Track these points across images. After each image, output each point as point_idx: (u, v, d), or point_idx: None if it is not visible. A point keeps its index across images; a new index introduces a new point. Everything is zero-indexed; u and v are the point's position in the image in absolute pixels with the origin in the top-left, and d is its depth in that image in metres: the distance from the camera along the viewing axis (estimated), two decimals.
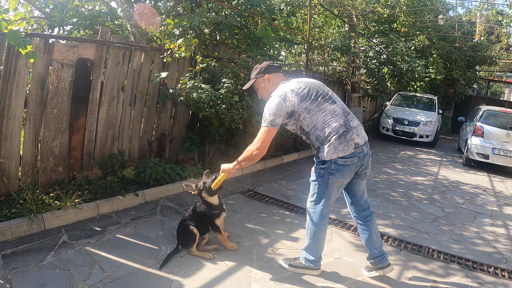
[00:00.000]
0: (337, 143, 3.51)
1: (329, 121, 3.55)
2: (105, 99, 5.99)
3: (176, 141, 7.33)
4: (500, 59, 22.95)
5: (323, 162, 3.61)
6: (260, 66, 3.92)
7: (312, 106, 3.56)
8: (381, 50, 15.26)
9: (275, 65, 3.93)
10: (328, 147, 3.51)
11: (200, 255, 4.19)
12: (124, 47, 6.10)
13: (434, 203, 7.18)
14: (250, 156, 3.69)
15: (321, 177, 3.66)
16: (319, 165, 3.65)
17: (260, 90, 3.94)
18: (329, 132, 3.53)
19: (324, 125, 3.55)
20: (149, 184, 6.04)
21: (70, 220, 4.77)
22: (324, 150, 3.53)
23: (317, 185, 3.71)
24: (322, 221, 3.80)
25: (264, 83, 3.88)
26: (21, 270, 3.66)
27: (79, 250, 4.14)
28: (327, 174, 3.61)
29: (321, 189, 3.70)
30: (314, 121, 3.56)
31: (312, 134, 3.62)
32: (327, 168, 3.60)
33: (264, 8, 8.26)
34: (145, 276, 3.77)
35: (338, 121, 3.56)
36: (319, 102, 3.59)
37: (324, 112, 3.57)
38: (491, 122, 11.62)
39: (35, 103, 5.17)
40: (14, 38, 4.03)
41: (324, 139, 3.54)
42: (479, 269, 4.60)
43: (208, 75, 6.89)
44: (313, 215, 3.81)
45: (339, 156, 3.53)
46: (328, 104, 3.62)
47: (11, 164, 5.00)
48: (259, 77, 3.89)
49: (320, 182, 3.68)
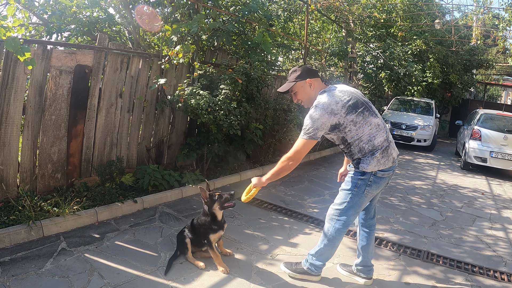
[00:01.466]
0: (380, 156, 3.51)
1: (375, 135, 3.52)
2: (103, 105, 5.98)
3: (174, 148, 7.33)
4: (496, 63, 23.03)
5: (362, 173, 3.58)
6: (300, 69, 3.77)
7: (358, 119, 3.48)
8: (378, 55, 15.31)
9: (314, 70, 3.82)
10: (372, 160, 3.50)
11: (192, 262, 4.18)
12: (122, 54, 6.11)
13: (433, 207, 7.19)
14: (287, 167, 3.62)
15: (357, 187, 3.63)
16: (358, 176, 3.62)
17: (299, 94, 3.79)
18: (374, 146, 3.51)
19: (369, 138, 3.51)
20: (147, 190, 6.04)
21: (68, 227, 4.76)
22: (367, 162, 3.52)
23: (351, 194, 3.67)
24: (344, 229, 3.78)
25: (305, 87, 3.73)
26: (20, 277, 3.64)
27: (78, 257, 4.12)
28: (364, 185, 3.60)
29: (354, 199, 3.67)
30: (360, 134, 3.51)
31: (355, 145, 3.56)
32: (365, 180, 3.59)
33: (262, 14, 8.28)
34: (145, 283, 3.76)
35: (382, 136, 3.56)
36: (365, 115, 3.52)
37: (370, 125, 3.52)
38: (489, 125, 11.66)
39: (33, 109, 5.17)
40: (13, 45, 4.03)
41: (368, 152, 3.52)
42: (479, 272, 4.61)
43: (206, 81, 6.90)
44: (337, 222, 3.77)
45: (380, 169, 3.55)
46: (373, 118, 3.57)
47: (10, 170, 4.99)
48: (299, 80, 3.72)
49: (355, 192, 3.65)
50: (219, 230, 4.15)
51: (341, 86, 3.73)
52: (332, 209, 3.84)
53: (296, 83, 3.73)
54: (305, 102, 3.78)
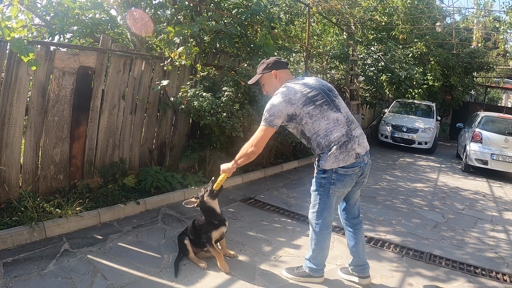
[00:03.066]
0: (337, 152, 3.46)
1: (332, 130, 3.49)
2: (106, 107, 6.00)
3: (176, 150, 7.34)
4: (497, 65, 23.05)
5: (324, 171, 3.56)
6: (267, 61, 3.84)
7: (315, 112, 3.48)
8: (379, 58, 15.31)
9: (282, 61, 3.85)
10: (329, 156, 3.47)
11: (195, 262, 4.19)
12: (125, 55, 6.12)
13: (434, 209, 7.19)
14: (246, 154, 3.70)
15: (322, 186, 3.61)
16: (320, 174, 3.60)
17: (266, 85, 3.88)
18: (330, 141, 3.48)
19: (326, 133, 3.49)
20: (150, 192, 6.04)
21: (71, 228, 4.76)
22: (325, 159, 3.50)
23: (318, 195, 3.66)
24: (325, 230, 3.76)
25: (270, 78, 3.81)
26: (22, 278, 3.65)
27: (81, 259, 4.13)
28: (328, 183, 3.57)
29: (322, 199, 3.65)
30: (316, 128, 3.50)
31: (314, 140, 3.56)
32: (327, 178, 3.56)
33: (264, 17, 8.29)
34: (148, 284, 3.76)
35: (340, 131, 3.50)
36: (323, 109, 3.51)
37: (327, 120, 3.50)
38: (490, 128, 11.67)
39: (36, 110, 5.18)
40: (17, 45, 4.04)
41: (325, 147, 3.50)
42: (481, 274, 4.61)
43: (209, 83, 6.90)
44: (316, 226, 3.76)
45: (339, 165, 3.49)
46: (333, 112, 3.54)
47: (12, 171, 5.00)
48: (265, 72, 3.81)
49: (321, 192, 3.63)
50: (220, 225, 4.12)
51: (308, 78, 3.79)
52: (309, 213, 3.84)
53: (263, 75, 3.84)
54: (271, 93, 3.83)
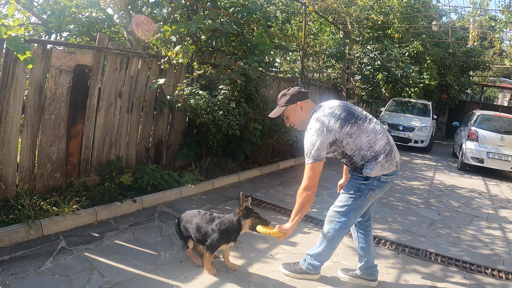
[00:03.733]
0: (384, 161, 3.51)
1: (374, 140, 3.51)
2: (103, 105, 6.00)
3: (173, 148, 7.35)
4: (493, 64, 23.11)
5: (366, 178, 3.57)
6: (289, 92, 3.70)
7: (353, 130, 3.48)
8: (376, 57, 15.35)
9: (304, 91, 3.76)
10: (376, 164, 3.49)
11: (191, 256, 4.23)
12: (122, 54, 6.12)
13: (430, 207, 7.23)
14: (307, 198, 3.51)
15: (359, 191, 3.61)
16: (361, 180, 3.59)
17: (291, 118, 3.76)
18: (377, 151, 3.51)
19: (369, 144, 3.50)
20: (146, 190, 6.05)
21: (68, 226, 4.76)
22: (371, 168, 3.50)
23: (352, 197, 3.64)
24: (344, 230, 3.77)
25: (296, 110, 3.70)
26: (19, 276, 3.65)
27: (77, 256, 4.13)
28: (367, 189, 3.59)
29: (355, 202, 3.65)
30: (358, 144, 3.49)
31: (357, 155, 3.54)
32: (368, 184, 3.57)
33: (260, 15, 8.31)
34: (145, 281, 3.77)
35: (382, 139, 3.55)
36: (359, 124, 3.52)
37: (367, 132, 3.51)
38: (486, 126, 11.71)
39: (33, 109, 5.17)
40: (14, 43, 4.04)
41: (371, 158, 3.51)
42: (477, 271, 4.64)
43: (205, 81, 6.91)
44: (337, 224, 3.74)
45: (384, 173, 3.55)
46: (367, 124, 3.56)
47: (9, 170, 4.99)
48: (289, 104, 3.68)
49: (357, 196, 3.63)
50: (232, 241, 3.95)
51: (329, 102, 3.73)
52: (332, 210, 3.81)
53: (287, 107, 3.72)
54: (298, 125, 3.79)
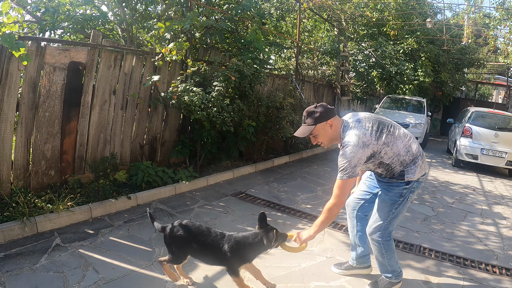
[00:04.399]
0: (421, 162, 3.56)
1: (408, 144, 3.53)
2: (97, 102, 6.00)
3: (167, 145, 7.36)
4: (487, 62, 23.20)
5: (407, 182, 3.57)
6: (318, 110, 3.50)
7: (388, 139, 3.45)
8: (370, 54, 15.39)
9: (331, 108, 3.59)
10: (416, 168, 3.52)
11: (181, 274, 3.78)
12: (116, 51, 6.12)
13: (424, 203, 7.27)
14: (333, 216, 3.48)
15: (402, 196, 3.60)
16: (402, 186, 3.58)
17: (320, 136, 3.55)
18: (413, 154, 3.53)
19: (406, 149, 3.50)
20: (141, 187, 6.06)
21: (63, 223, 4.78)
22: (413, 172, 3.51)
23: (395, 204, 3.63)
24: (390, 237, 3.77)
25: (326, 128, 3.51)
26: (14, 273, 3.67)
27: (72, 253, 4.15)
28: (408, 193, 3.60)
29: (399, 209, 3.65)
30: (396, 151, 3.47)
31: (395, 162, 3.51)
32: (409, 188, 3.59)
33: (254, 13, 8.31)
34: (139, 277, 3.79)
35: (415, 142, 3.59)
36: (391, 132, 3.51)
37: (400, 138, 3.51)
38: (480, 123, 11.77)
39: (27, 106, 5.17)
40: (8, 40, 4.05)
41: (410, 162, 3.52)
42: (471, 266, 4.68)
43: (199, 78, 6.93)
44: (388, 236, 3.74)
45: (422, 174, 3.59)
46: (397, 130, 3.56)
47: (3, 167, 4.99)
48: (320, 122, 3.48)
49: (401, 201, 3.62)
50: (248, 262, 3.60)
51: (354, 114, 3.68)
52: (375, 227, 3.74)
53: (316, 126, 3.50)
54: (326, 143, 3.63)
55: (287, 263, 4.33)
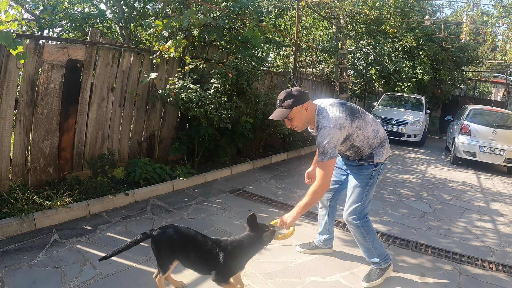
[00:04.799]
0: (387, 145, 3.83)
1: (376, 129, 3.74)
2: (95, 100, 6.02)
3: (165, 142, 7.39)
4: (486, 59, 23.22)
5: (376, 164, 3.77)
6: (294, 93, 3.50)
7: (360, 122, 3.59)
8: (369, 51, 15.41)
9: (306, 91, 3.60)
10: (384, 150, 3.77)
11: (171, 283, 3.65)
12: (114, 48, 6.14)
13: (422, 200, 7.31)
14: (318, 198, 3.57)
15: (372, 178, 3.79)
16: (372, 168, 3.77)
17: (296, 120, 3.56)
18: (381, 138, 3.76)
19: (375, 133, 3.70)
20: (139, 184, 6.09)
21: (61, 220, 4.81)
22: (381, 154, 3.74)
23: (367, 187, 3.79)
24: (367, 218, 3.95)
25: (301, 112, 3.53)
26: (12, 268, 3.69)
27: (70, 249, 4.18)
28: (377, 174, 3.82)
29: (370, 191, 3.83)
30: (367, 134, 3.64)
31: (365, 145, 3.68)
32: (378, 170, 3.80)
33: (252, 10, 8.34)
34: (136, 272, 3.82)
35: (381, 128, 3.82)
36: (362, 116, 3.66)
37: (369, 123, 3.69)
38: (478, 120, 11.82)
39: (26, 103, 5.19)
40: (6, 38, 4.07)
41: (378, 145, 3.73)
42: (467, 262, 4.71)
43: (197, 75, 6.95)
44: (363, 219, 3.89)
45: (387, 156, 3.85)
46: (367, 115, 3.74)
47: (2, 164, 5.02)
48: (296, 105, 3.48)
49: (371, 183, 3.80)
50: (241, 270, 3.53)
51: (325, 100, 3.75)
52: (349, 212, 3.88)
53: (292, 109, 3.50)
54: (301, 127, 3.66)
55: (283, 259, 4.37)
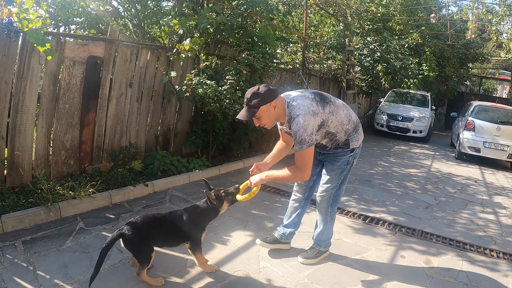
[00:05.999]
0: (361, 130, 3.88)
1: (349, 113, 3.77)
2: (114, 95, 6.25)
3: (180, 136, 7.63)
4: (492, 56, 23.28)
5: (352, 150, 3.84)
6: (261, 92, 3.43)
7: (332, 108, 3.59)
8: (375, 48, 15.56)
9: (274, 88, 3.54)
10: (359, 135, 3.82)
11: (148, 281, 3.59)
12: (132, 46, 6.37)
13: (427, 192, 7.52)
14: (290, 180, 3.63)
15: (349, 163, 3.88)
16: (348, 154, 3.82)
17: (264, 118, 3.53)
18: (354, 122, 3.79)
19: (348, 118, 3.72)
20: (156, 175, 6.33)
21: (84, 209, 5.04)
22: (356, 139, 3.81)
23: (343, 172, 3.90)
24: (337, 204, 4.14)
25: (269, 110, 3.48)
26: (42, 254, 3.91)
27: (96, 235, 4.41)
28: (353, 159, 3.89)
29: (346, 175, 3.96)
30: (340, 119, 3.64)
31: (340, 131, 3.68)
32: (354, 154, 3.87)
33: (263, 8, 8.54)
34: (161, 256, 4.05)
35: (353, 112, 3.86)
36: (332, 101, 3.67)
37: (341, 108, 3.70)
38: (482, 116, 11.98)
39: (48, 98, 5.41)
40: (35, 36, 4.26)
41: (353, 130, 3.77)
42: (470, 249, 4.94)
43: (212, 72, 7.20)
44: (334, 202, 4.06)
45: (361, 140, 3.90)
46: (337, 100, 3.78)
47: (25, 157, 5.25)
48: (263, 104, 3.43)
49: (348, 168, 3.91)
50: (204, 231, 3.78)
51: (293, 92, 3.76)
52: (326, 192, 4.01)
53: (260, 109, 3.45)
54: (270, 124, 3.62)
55: (298, 244, 4.61)
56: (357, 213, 5.84)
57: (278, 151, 4.10)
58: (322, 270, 4.09)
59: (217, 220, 4.98)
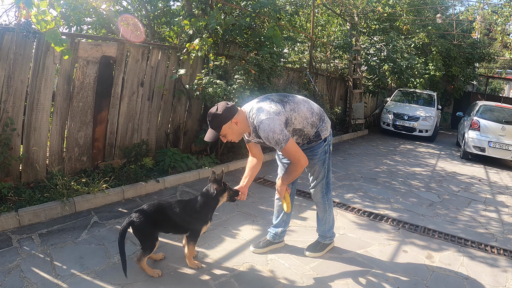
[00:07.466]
0: (326, 118, 3.95)
1: (312, 106, 3.84)
2: (126, 93, 6.43)
3: (189, 133, 7.80)
4: (498, 56, 23.27)
5: (324, 139, 3.94)
6: (219, 112, 3.53)
7: (292, 105, 3.67)
8: (382, 48, 15.64)
9: (232, 105, 3.61)
10: (326, 124, 3.91)
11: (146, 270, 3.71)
12: (143, 46, 6.55)
13: (431, 190, 7.64)
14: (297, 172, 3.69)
15: (326, 152, 4.01)
16: (322, 144, 3.94)
17: (229, 135, 3.63)
18: (319, 114, 3.84)
19: (310, 111, 3.77)
20: (167, 172, 6.51)
21: (98, 204, 5.22)
22: (325, 128, 3.91)
23: (326, 161, 4.04)
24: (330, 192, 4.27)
25: (231, 127, 3.58)
26: (59, 246, 4.07)
27: (110, 228, 4.58)
28: (329, 147, 4.02)
29: (329, 162, 4.08)
30: (303, 114, 3.70)
31: (306, 126, 3.75)
32: (328, 143, 3.99)
33: (271, 9, 8.68)
34: (173, 248, 4.21)
35: (314, 104, 3.93)
36: (291, 99, 3.75)
37: (301, 103, 3.78)
38: (487, 116, 12.05)
39: (62, 97, 5.59)
40: (53, 36, 4.44)
41: (319, 121, 3.83)
42: (471, 245, 5.07)
43: (221, 71, 7.38)
44: (328, 192, 4.21)
45: (330, 127, 4.01)
46: (296, 97, 3.84)
47: (40, 153, 5.44)
48: (224, 124, 3.53)
49: (328, 156, 4.04)
50: (209, 221, 3.87)
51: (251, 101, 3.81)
52: (316, 186, 4.17)
53: (222, 128, 3.55)
54: (236, 138, 3.71)
55: (304, 238, 4.79)
56: (361, 210, 5.98)
57: (251, 169, 4.15)
58: (327, 263, 4.24)
59: (226, 215, 5.19)
